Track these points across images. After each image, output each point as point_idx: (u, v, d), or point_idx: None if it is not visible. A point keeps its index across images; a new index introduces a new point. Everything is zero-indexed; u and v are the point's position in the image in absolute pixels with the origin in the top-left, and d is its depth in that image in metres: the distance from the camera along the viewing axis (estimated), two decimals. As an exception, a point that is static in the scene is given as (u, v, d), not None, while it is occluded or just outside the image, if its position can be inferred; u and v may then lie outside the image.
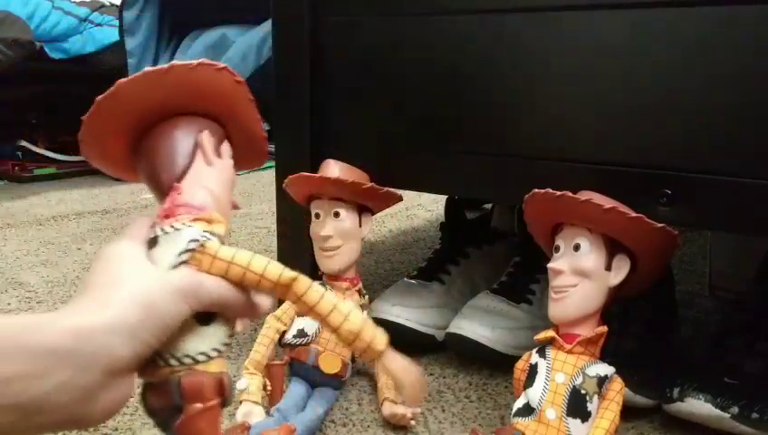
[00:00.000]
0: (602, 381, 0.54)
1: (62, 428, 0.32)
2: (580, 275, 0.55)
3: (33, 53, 1.73)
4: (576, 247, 0.55)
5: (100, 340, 0.31)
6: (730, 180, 0.56)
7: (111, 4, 1.99)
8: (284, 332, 0.66)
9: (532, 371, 0.56)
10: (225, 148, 0.44)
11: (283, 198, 0.75)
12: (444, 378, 0.74)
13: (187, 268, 0.36)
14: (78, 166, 2.00)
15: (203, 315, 0.36)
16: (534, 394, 0.54)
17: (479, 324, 0.75)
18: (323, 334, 0.65)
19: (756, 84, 0.54)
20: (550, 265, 0.57)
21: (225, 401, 0.36)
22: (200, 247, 0.36)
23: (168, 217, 0.38)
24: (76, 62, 1.89)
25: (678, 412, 0.63)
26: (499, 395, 0.71)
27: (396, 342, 0.40)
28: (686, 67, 0.57)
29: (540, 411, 0.53)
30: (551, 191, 0.55)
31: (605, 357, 0.55)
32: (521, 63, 0.65)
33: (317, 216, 0.69)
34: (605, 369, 0.54)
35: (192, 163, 0.41)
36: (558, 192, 0.55)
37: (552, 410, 0.53)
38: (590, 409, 0.53)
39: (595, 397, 0.53)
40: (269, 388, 0.63)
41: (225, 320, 0.37)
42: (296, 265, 0.38)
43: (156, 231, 0.37)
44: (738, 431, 0.61)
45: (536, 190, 0.57)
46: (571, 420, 0.53)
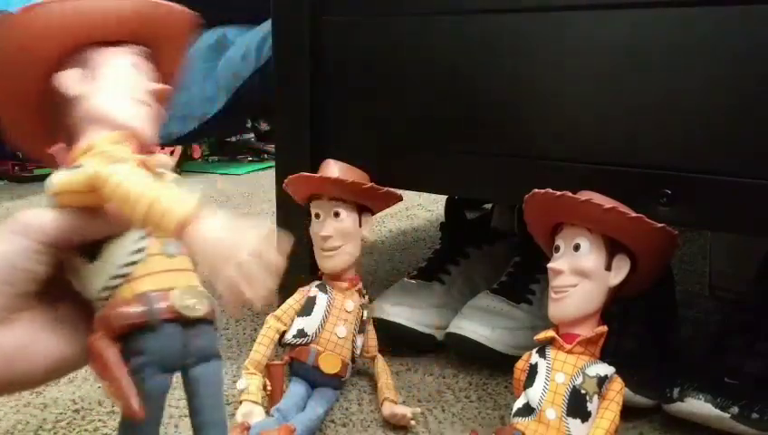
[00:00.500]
0: (602, 381, 0.54)
1: None
2: (580, 275, 0.55)
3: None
4: (576, 247, 0.55)
5: None
6: (730, 180, 0.56)
7: (111, 4, 1.99)
8: (284, 332, 0.66)
9: (532, 371, 0.56)
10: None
11: (283, 198, 0.75)
12: (444, 378, 0.74)
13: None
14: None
15: (89, 250, 0.35)
16: (534, 394, 0.54)
17: (479, 324, 0.75)
18: (323, 334, 0.65)
19: (756, 84, 0.54)
20: (550, 265, 0.57)
21: (146, 324, 0.33)
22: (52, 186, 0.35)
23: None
24: (76, 61, 1.89)
25: (678, 412, 0.63)
26: (499, 395, 0.71)
27: (396, 342, 0.40)
28: (686, 67, 0.57)
29: (540, 411, 0.53)
30: (551, 191, 0.55)
31: (605, 357, 0.55)
32: (521, 63, 0.65)
33: (317, 216, 0.69)
34: (605, 369, 0.54)
35: None
36: (558, 192, 0.55)
37: (552, 410, 0.53)
38: (590, 409, 0.53)
39: (595, 397, 0.53)
40: (269, 388, 0.63)
41: (111, 235, 0.35)
42: (296, 265, 0.38)
43: None
44: (738, 431, 0.61)
45: (536, 190, 0.57)
46: (570, 419, 0.52)
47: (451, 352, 0.78)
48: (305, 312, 0.66)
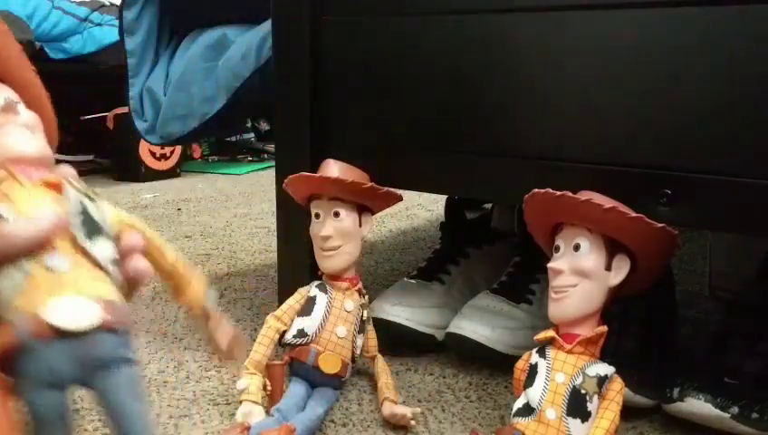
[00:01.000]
0: (602, 381, 0.54)
1: None
2: (580, 275, 0.55)
3: (33, 53, 1.73)
4: (576, 247, 0.55)
5: None
6: (730, 180, 0.56)
7: (111, 4, 1.99)
8: (284, 332, 0.66)
9: (532, 371, 0.56)
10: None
11: (283, 197, 0.75)
12: (444, 378, 0.74)
13: None
14: (78, 166, 1.99)
15: None
16: (534, 394, 0.54)
17: (479, 324, 0.75)
18: (323, 334, 0.65)
19: (756, 84, 0.54)
20: (550, 265, 0.57)
21: (19, 346, 0.33)
22: None
23: None
24: (76, 61, 1.89)
25: (678, 412, 0.63)
26: (499, 395, 0.71)
27: (396, 342, 0.40)
28: (686, 67, 0.57)
29: (540, 411, 0.53)
30: (551, 191, 0.55)
31: (605, 357, 0.55)
32: (521, 63, 0.65)
33: (317, 216, 0.69)
34: (605, 369, 0.54)
35: None
36: (558, 192, 0.55)
37: (552, 409, 0.53)
38: (590, 409, 0.53)
39: (595, 397, 0.53)
40: (269, 388, 0.63)
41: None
42: (296, 265, 0.38)
43: None
44: (738, 431, 0.61)
45: (536, 190, 0.57)
46: (570, 419, 0.52)
47: (451, 352, 0.78)
48: (305, 312, 0.66)
